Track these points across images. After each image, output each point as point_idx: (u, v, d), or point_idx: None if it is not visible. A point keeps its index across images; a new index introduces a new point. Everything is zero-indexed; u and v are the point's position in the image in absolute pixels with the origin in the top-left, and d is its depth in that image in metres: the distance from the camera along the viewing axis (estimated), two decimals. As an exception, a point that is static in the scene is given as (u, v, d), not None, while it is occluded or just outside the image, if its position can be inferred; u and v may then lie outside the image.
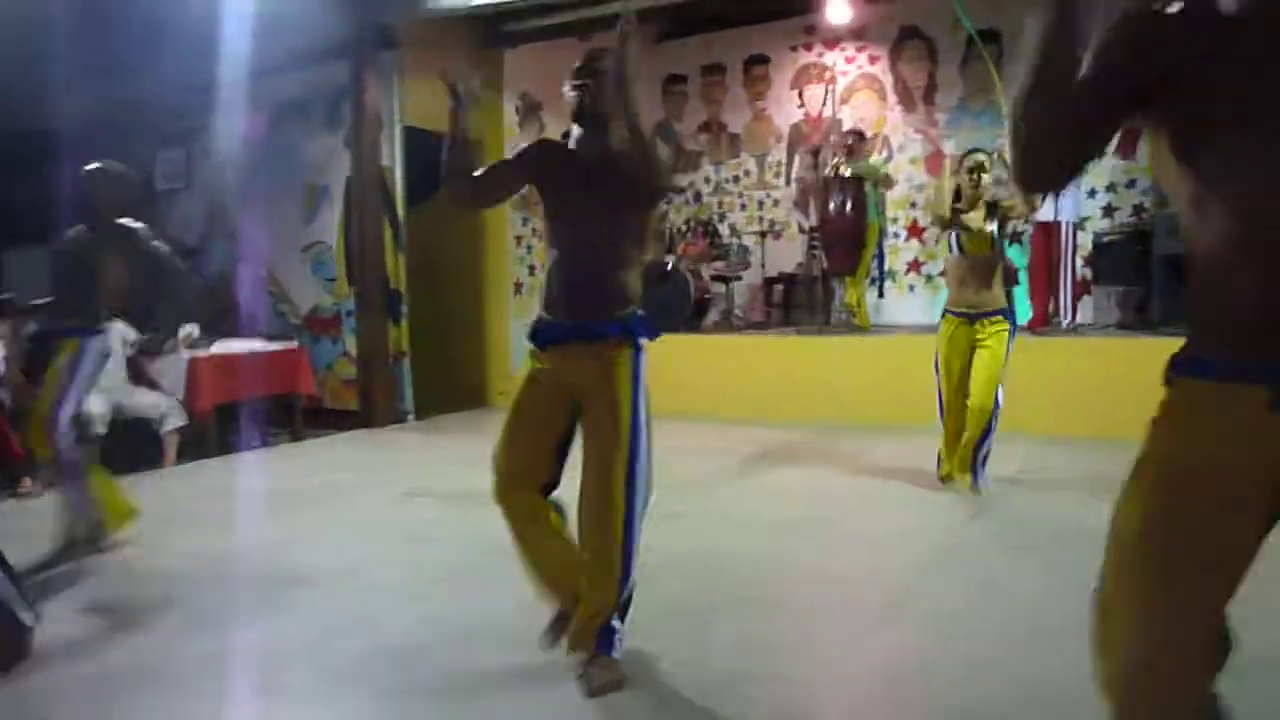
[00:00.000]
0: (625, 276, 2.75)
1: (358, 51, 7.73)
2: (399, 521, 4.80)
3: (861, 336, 7.80)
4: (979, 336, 4.86)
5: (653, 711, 2.61)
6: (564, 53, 8.83)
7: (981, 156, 5.02)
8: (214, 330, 7.52)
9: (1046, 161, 1.39)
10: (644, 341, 2.77)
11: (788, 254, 9.37)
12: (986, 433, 4.81)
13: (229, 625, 3.35)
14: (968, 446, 4.87)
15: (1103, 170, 8.26)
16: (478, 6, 7.34)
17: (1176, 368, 1.36)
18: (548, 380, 2.77)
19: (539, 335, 2.79)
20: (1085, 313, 7.79)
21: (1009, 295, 5.73)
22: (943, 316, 5.04)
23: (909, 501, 4.95)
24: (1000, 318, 4.86)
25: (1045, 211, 7.08)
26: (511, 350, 8.86)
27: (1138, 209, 8.11)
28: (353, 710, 2.71)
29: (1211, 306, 1.32)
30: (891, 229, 9.04)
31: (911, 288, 9.11)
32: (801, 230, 9.23)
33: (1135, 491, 1.36)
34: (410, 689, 2.80)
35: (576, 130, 2.80)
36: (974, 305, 4.88)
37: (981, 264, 4.87)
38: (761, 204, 9.92)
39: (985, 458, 4.88)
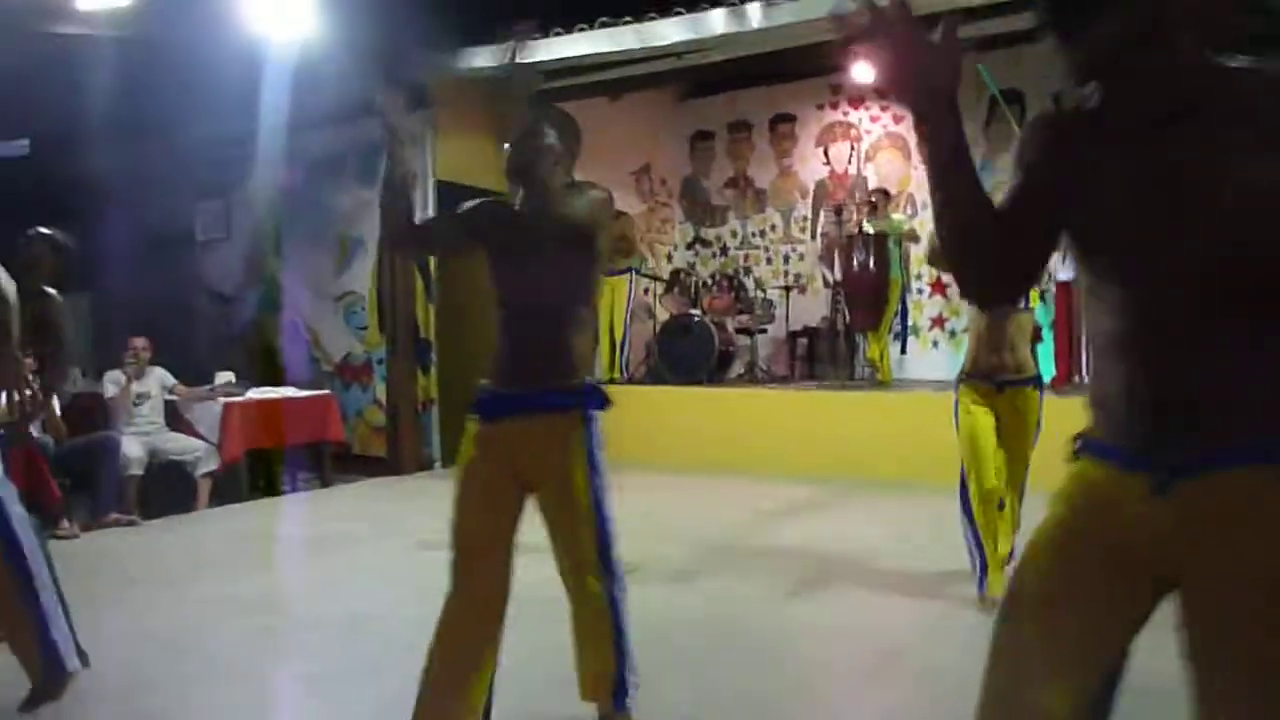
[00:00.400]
0: (573, 343, 2.59)
1: (393, 109, 7.98)
2: (414, 571, 4.90)
3: (883, 392, 7.86)
4: (1004, 408, 4.15)
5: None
6: (593, 111, 9.08)
7: None
8: (248, 377, 7.74)
9: (984, 286, 1.47)
10: (596, 413, 2.59)
11: (812, 308, 9.47)
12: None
13: (242, 668, 3.46)
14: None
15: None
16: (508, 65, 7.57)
17: (1079, 444, 1.43)
18: (494, 457, 2.57)
19: (483, 406, 2.60)
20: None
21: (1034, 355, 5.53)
22: (960, 383, 4.28)
23: (919, 557, 4.99)
24: (1032, 387, 4.19)
25: (1067, 270, 7.16)
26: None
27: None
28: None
29: (1101, 392, 1.39)
30: (915, 285, 9.12)
31: (935, 343, 9.17)
32: (826, 285, 9.34)
33: (1030, 555, 1.43)
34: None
35: (520, 191, 2.63)
36: (999, 369, 4.16)
37: (1009, 321, 4.18)
38: (787, 258, 10.05)
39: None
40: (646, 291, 9.63)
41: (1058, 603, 1.37)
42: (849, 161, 9.63)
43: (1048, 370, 7.74)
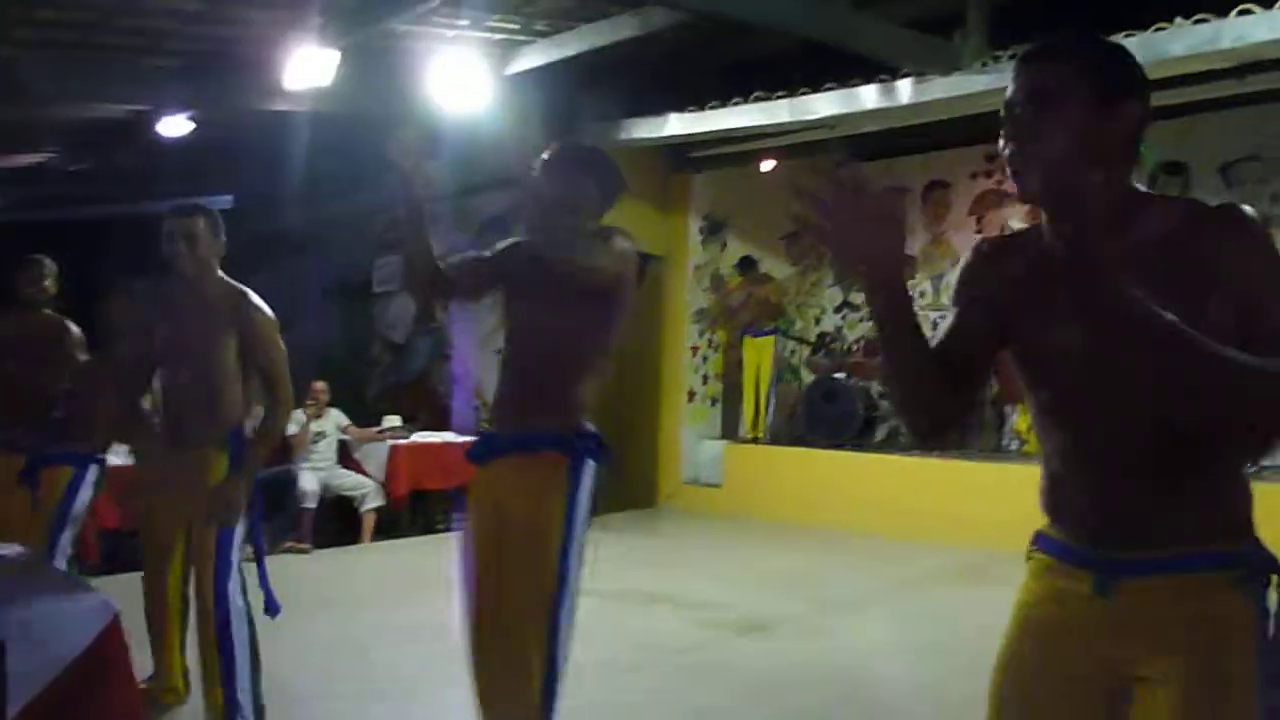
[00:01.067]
0: (572, 388, 2.48)
1: (557, 175, 8.50)
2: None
3: (1030, 465, 7.75)
4: None
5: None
6: (744, 177, 9.40)
7: None
8: (414, 421, 8.30)
9: (921, 428, 1.58)
10: (588, 463, 2.44)
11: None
12: None
13: (415, 687, 3.80)
14: None
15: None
16: (666, 137, 7.95)
17: (1035, 541, 1.57)
18: (483, 501, 2.49)
19: (473, 449, 2.55)
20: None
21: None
22: None
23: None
24: None
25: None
26: (682, 455, 9.26)
27: None
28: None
29: (1049, 496, 1.52)
30: (1069, 356, 8.97)
31: (1088, 416, 8.97)
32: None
33: (1004, 642, 1.57)
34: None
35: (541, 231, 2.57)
36: None
37: None
38: (935, 325, 9.99)
39: None
40: (793, 353, 9.79)
41: (1039, 709, 1.49)
42: (1002, 231, 9.59)
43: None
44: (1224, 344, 1.23)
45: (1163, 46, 5.66)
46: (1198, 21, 5.52)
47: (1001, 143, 1.41)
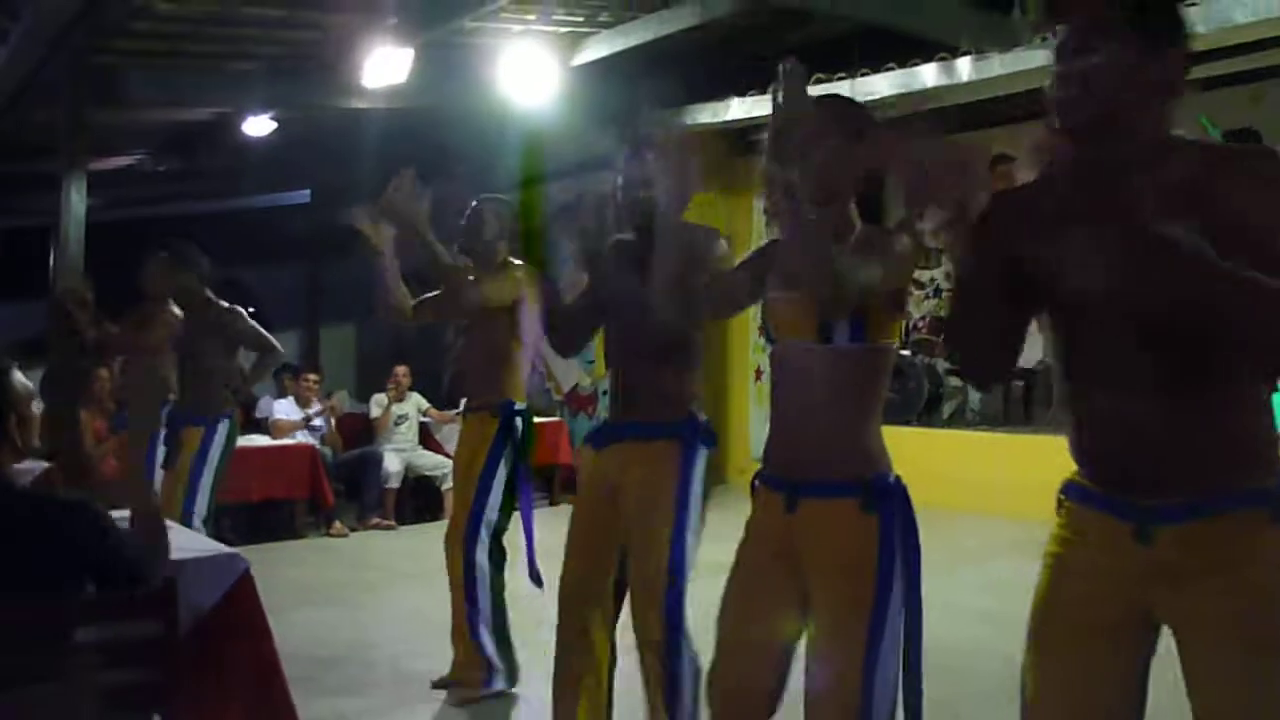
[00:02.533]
0: (684, 376, 2.58)
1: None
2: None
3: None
4: None
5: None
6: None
7: None
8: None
9: (987, 369, 1.73)
10: (701, 450, 2.53)
11: (1029, 351, 9.38)
12: None
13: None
14: None
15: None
16: (728, 120, 8.10)
17: (1065, 491, 1.60)
18: (598, 485, 2.62)
19: (592, 436, 2.70)
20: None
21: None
22: None
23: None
24: None
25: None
26: (751, 433, 9.44)
27: None
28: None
29: (1079, 444, 1.56)
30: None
31: (1158, 388, 8.93)
32: (1039, 327, 9.27)
33: (1042, 602, 1.60)
34: None
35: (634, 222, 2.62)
36: None
37: None
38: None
39: None
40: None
41: (1075, 653, 1.53)
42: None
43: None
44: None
45: (1226, 13, 5.64)
46: (1261, -12, 5.50)
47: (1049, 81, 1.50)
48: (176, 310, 4.50)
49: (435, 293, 3.70)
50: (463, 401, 8.18)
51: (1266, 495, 1.41)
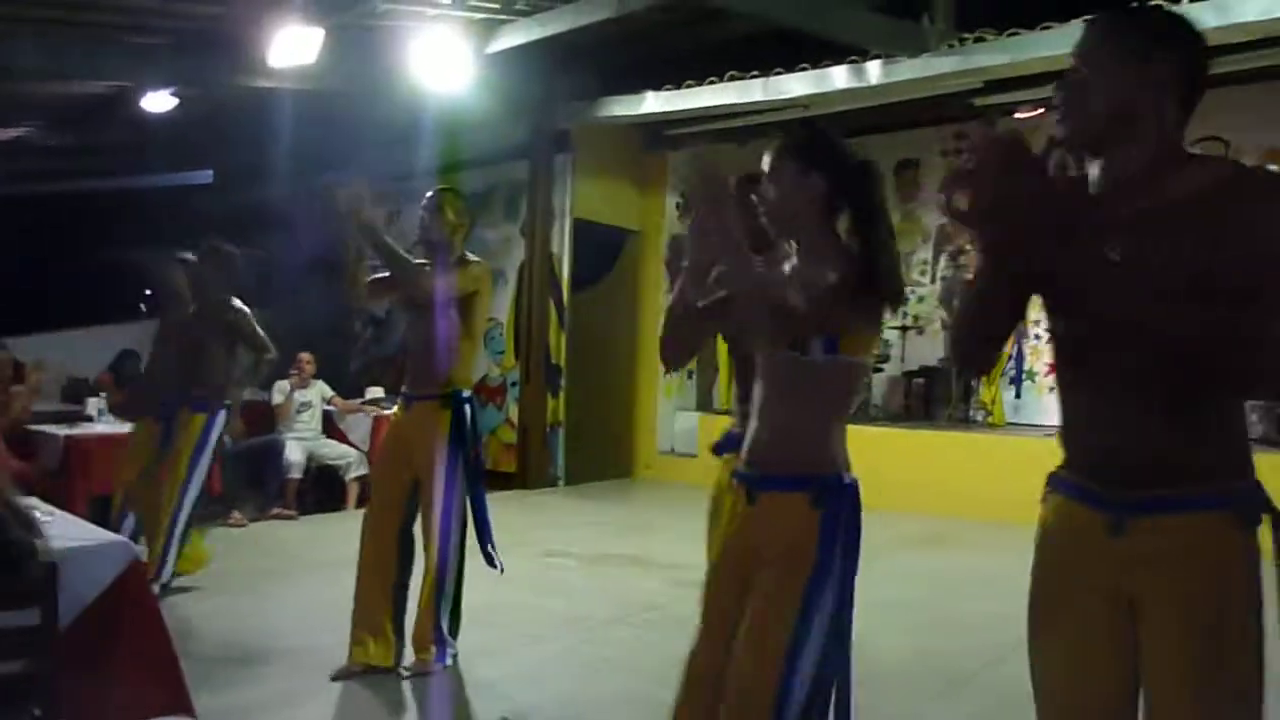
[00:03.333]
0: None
1: (537, 153, 8.68)
2: (537, 576, 5.41)
3: (994, 434, 8.03)
4: None
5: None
6: (722, 156, 9.58)
7: None
8: (396, 393, 8.46)
9: (985, 363, 1.83)
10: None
11: (929, 349, 9.67)
12: None
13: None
14: None
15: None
16: (643, 114, 8.13)
17: (1050, 482, 1.70)
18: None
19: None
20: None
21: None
22: None
23: (1006, 594, 5.22)
24: None
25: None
26: (659, 428, 9.50)
27: None
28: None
29: (1066, 437, 1.66)
30: (1033, 331, 9.23)
31: (1051, 389, 9.24)
32: (944, 327, 9.55)
33: (1032, 573, 1.71)
34: (535, 709, 3.38)
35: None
36: None
37: None
38: (907, 299, 10.29)
39: None
40: (767, 327, 10.01)
41: (1073, 640, 1.63)
42: (971, 208, 9.83)
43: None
44: (1249, 302, 1.41)
45: (1237, 9, 5.67)
46: (1154, 8, 5.71)
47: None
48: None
49: (386, 274, 3.76)
50: (369, 391, 8.16)
51: (1232, 499, 1.53)
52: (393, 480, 3.71)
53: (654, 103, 7.94)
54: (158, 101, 7.34)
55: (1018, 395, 9.14)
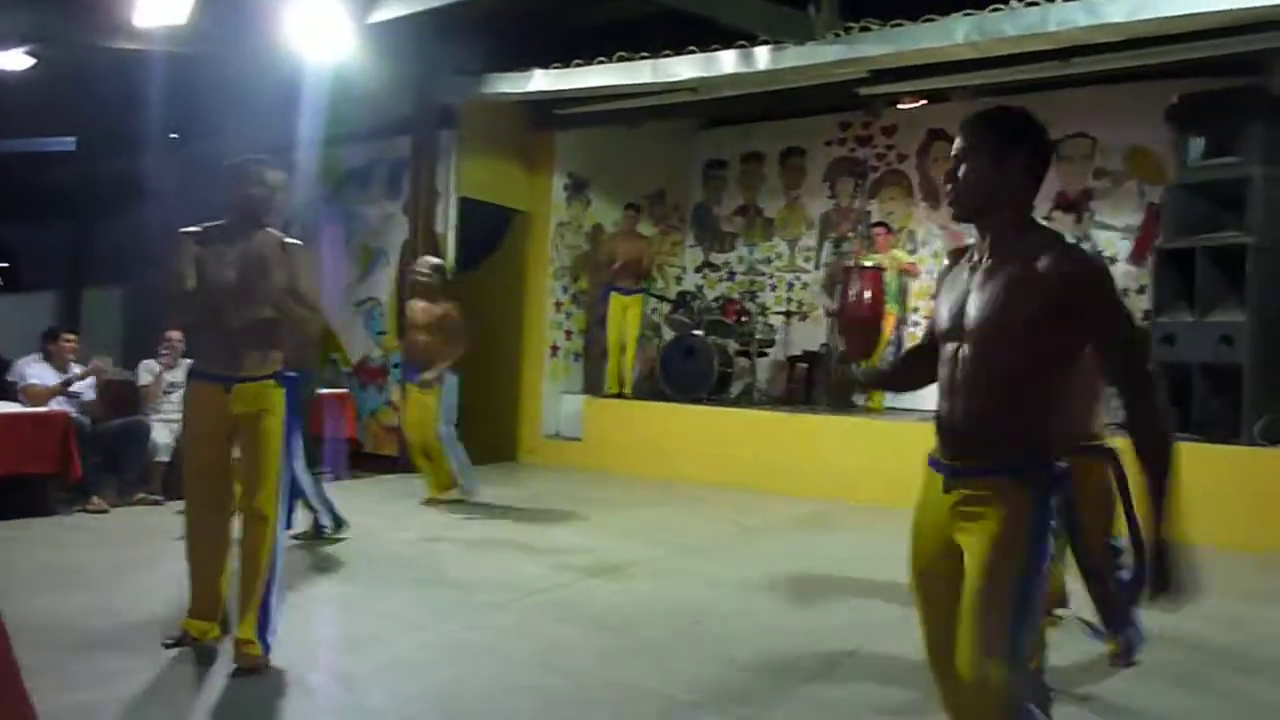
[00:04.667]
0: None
1: (420, 128, 8.46)
2: (417, 561, 5.29)
3: (873, 419, 8.22)
4: None
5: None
6: (611, 138, 9.54)
7: None
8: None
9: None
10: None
11: (813, 335, 9.85)
12: None
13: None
14: None
15: (1116, 275, 8.65)
16: (531, 92, 8.01)
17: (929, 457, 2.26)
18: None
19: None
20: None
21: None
22: None
23: (886, 570, 5.35)
24: None
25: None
26: (544, 411, 9.42)
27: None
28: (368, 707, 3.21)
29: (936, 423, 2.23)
30: (912, 318, 9.48)
31: (928, 375, 9.52)
32: (827, 313, 9.73)
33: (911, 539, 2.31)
34: (416, 696, 3.29)
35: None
36: None
37: None
38: (791, 286, 10.45)
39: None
40: (654, 311, 10.04)
41: (923, 570, 2.26)
42: (854, 196, 10.04)
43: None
44: (1056, 348, 2.07)
45: (996, 26, 6.07)
46: (1029, 5, 5.92)
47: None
48: None
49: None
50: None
51: (1022, 469, 2.09)
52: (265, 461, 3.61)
53: (541, 81, 7.83)
54: (10, 60, 6.88)
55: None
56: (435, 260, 7.25)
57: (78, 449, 6.03)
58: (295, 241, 3.70)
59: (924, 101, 8.76)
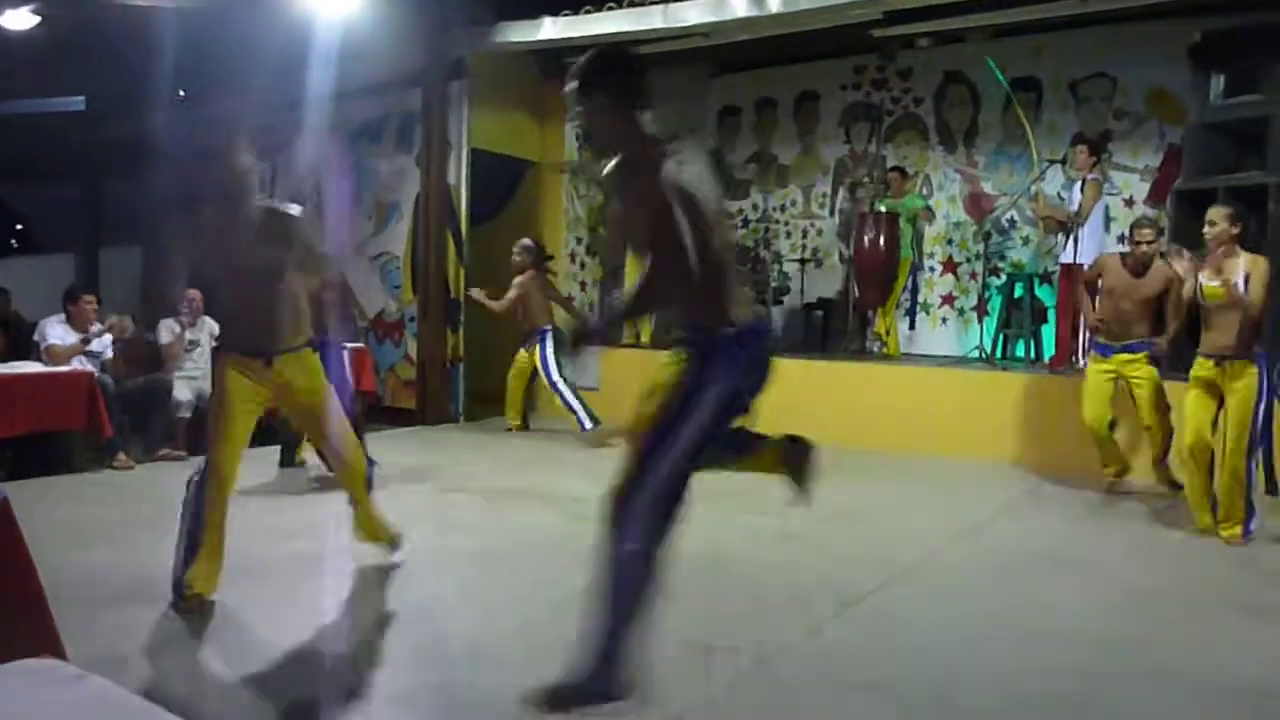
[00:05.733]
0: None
1: (430, 80, 8.41)
2: (435, 512, 5.36)
3: (888, 365, 8.21)
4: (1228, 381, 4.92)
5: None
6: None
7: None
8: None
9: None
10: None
11: (828, 282, 9.81)
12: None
13: (279, 577, 3.95)
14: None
15: (1133, 216, 8.57)
16: (541, 41, 7.94)
17: None
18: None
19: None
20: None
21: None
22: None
23: (901, 517, 5.38)
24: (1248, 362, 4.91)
25: (1067, 254, 7.45)
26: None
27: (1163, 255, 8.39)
28: (394, 645, 3.28)
29: None
30: (928, 263, 9.43)
31: (944, 320, 9.49)
32: (842, 260, 9.68)
33: None
34: (433, 643, 3.36)
35: None
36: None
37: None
38: (805, 233, 10.39)
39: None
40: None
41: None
42: (869, 141, 9.93)
43: (1049, 350, 8.09)
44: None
45: None
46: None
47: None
48: None
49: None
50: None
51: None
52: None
53: (551, 29, 7.76)
54: (17, 19, 6.86)
55: (911, 327, 9.36)
56: (525, 241, 7.90)
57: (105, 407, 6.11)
58: (288, 208, 3.80)
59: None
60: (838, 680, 3.16)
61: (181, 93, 9.36)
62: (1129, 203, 8.60)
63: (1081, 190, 7.43)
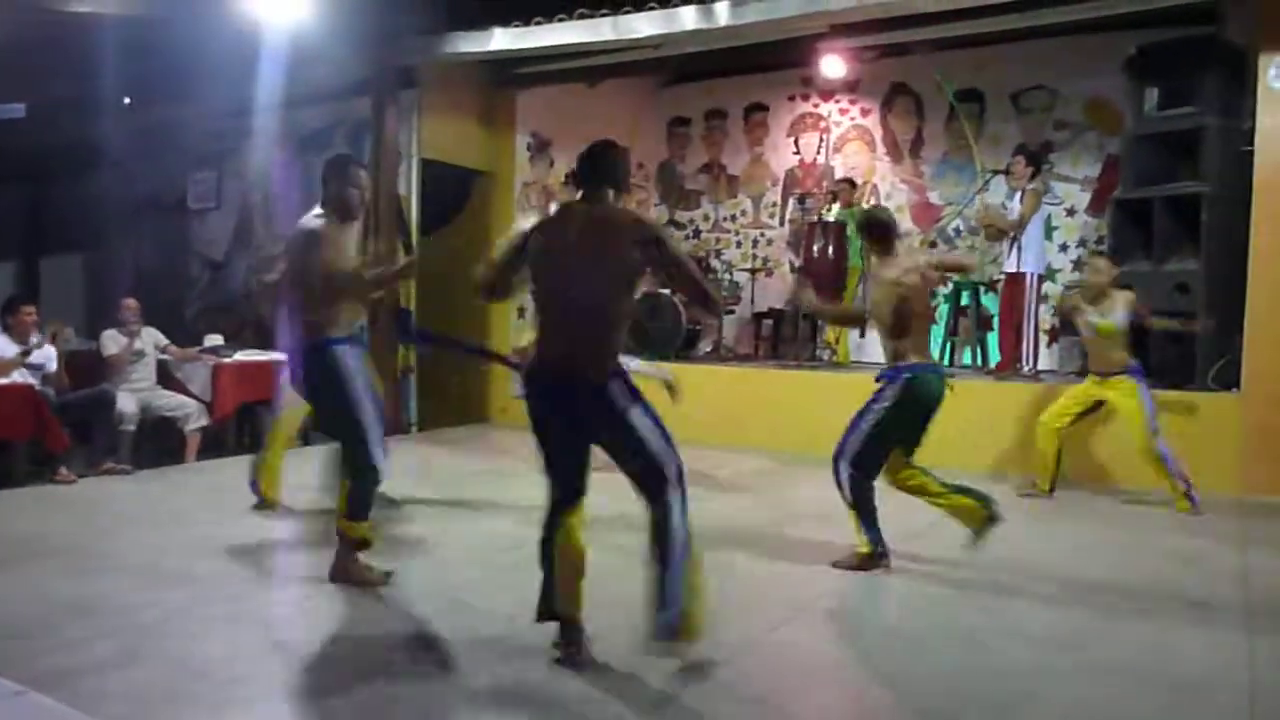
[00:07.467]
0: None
1: (380, 88, 8.36)
2: (390, 522, 5.31)
3: (838, 373, 8.31)
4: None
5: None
6: (573, 97, 9.47)
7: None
8: (238, 340, 8.13)
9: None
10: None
11: (778, 291, 9.90)
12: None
13: (226, 593, 3.90)
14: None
15: (1075, 226, 8.78)
16: (492, 51, 7.93)
17: None
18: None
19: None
20: (1051, 359, 8.33)
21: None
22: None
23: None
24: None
25: (1010, 263, 7.60)
26: (513, 371, 9.41)
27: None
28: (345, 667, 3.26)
29: None
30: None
31: (893, 328, 9.60)
32: (792, 269, 9.78)
33: None
34: (387, 650, 3.34)
35: None
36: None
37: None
38: (756, 243, 10.48)
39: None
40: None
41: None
42: (818, 151, 10.06)
43: (993, 358, 8.24)
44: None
45: None
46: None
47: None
48: None
49: None
50: (207, 339, 7.79)
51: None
52: None
53: (502, 40, 7.76)
54: (-46, 25, 6.71)
55: (862, 335, 9.44)
56: None
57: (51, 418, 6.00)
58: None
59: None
60: (795, 678, 3.20)
61: (127, 100, 9.22)
62: (1070, 212, 8.80)
63: (1021, 200, 7.58)
